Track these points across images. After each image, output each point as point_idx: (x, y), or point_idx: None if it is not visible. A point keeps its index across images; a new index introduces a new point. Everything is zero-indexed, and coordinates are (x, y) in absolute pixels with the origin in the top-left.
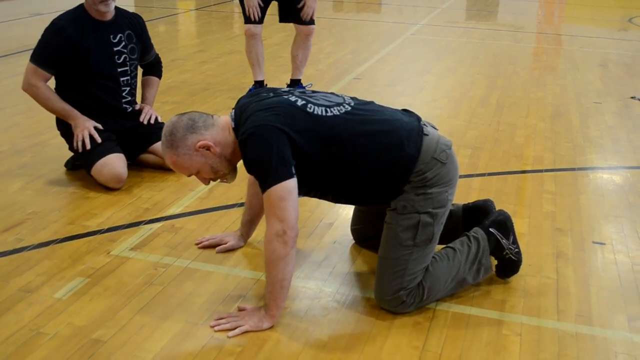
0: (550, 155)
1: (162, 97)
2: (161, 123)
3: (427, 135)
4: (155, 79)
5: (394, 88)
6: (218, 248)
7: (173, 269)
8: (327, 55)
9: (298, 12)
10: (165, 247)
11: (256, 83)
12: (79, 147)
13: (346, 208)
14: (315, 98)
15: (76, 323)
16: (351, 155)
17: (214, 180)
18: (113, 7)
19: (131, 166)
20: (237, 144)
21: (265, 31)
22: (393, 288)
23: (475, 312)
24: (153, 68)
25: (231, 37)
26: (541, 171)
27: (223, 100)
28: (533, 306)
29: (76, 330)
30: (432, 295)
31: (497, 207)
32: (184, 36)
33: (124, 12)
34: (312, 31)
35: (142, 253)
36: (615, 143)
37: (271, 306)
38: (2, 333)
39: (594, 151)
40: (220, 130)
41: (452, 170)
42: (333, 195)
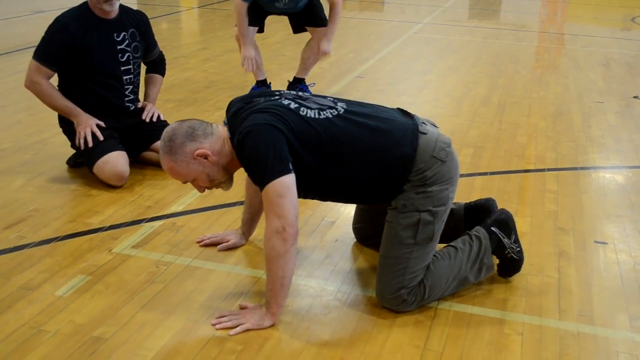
0: (552, 154)
1: (165, 95)
2: (163, 121)
3: (425, 133)
4: (158, 77)
5: (396, 87)
6: (220, 246)
7: (174, 267)
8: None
9: (311, 15)
10: (166, 245)
11: (258, 82)
12: (81, 145)
13: (348, 207)
14: (307, 101)
15: (77, 321)
16: (346, 157)
17: (209, 188)
18: (117, 7)
19: (133, 164)
20: (235, 154)
21: (267, 30)
22: (394, 287)
23: (476, 311)
24: (157, 66)
25: (233, 35)
26: (543, 170)
27: (226, 98)
28: (535, 305)
29: (77, 328)
30: (434, 294)
31: (499, 206)
32: (187, 34)
33: (128, 10)
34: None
35: (144, 251)
36: (617, 142)
37: (272, 304)
38: (3, 331)
39: (596, 150)
40: (218, 139)
41: (453, 168)
42: (332, 197)
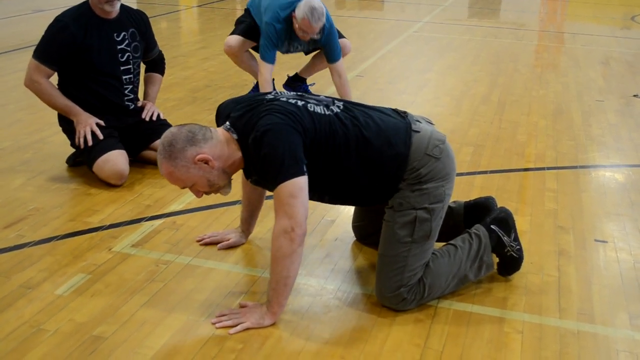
0: (552, 153)
1: (165, 94)
2: (163, 120)
3: (418, 132)
4: (158, 76)
5: (396, 86)
6: (220, 245)
7: (174, 266)
8: None
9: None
10: (166, 244)
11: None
12: (81, 144)
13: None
14: (308, 99)
15: (77, 319)
16: (344, 155)
17: (208, 194)
18: (118, 7)
19: (133, 163)
20: (240, 155)
21: None
22: (393, 285)
23: (476, 310)
24: (156, 65)
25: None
26: (543, 169)
27: (225, 96)
28: (535, 304)
29: (77, 326)
30: (433, 292)
31: (499, 205)
32: (186, 33)
33: (129, 10)
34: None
35: (144, 250)
36: (617, 141)
37: (273, 303)
38: (3, 329)
39: (596, 149)
40: (218, 143)
41: (448, 164)
42: (330, 196)
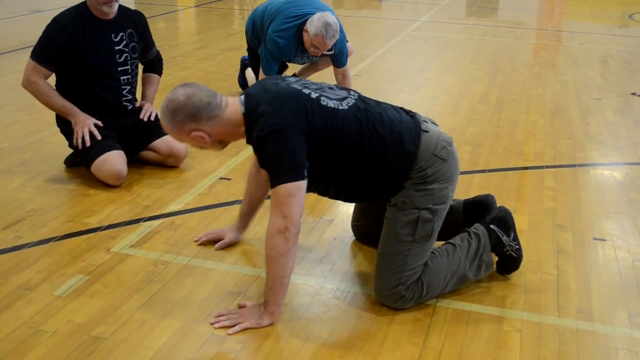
0: (550, 151)
1: (163, 94)
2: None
3: (427, 132)
4: (155, 76)
5: (394, 85)
6: (217, 245)
7: (173, 266)
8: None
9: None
10: (165, 244)
11: None
12: (79, 144)
13: (346, 205)
14: (324, 91)
15: (76, 320)
16: (356, 149)
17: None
18: (116, 8)
19: (131, 163)
20: (242, 131)
21: None
22: (392, 283)
23: (475, 309)
24: (154, 65)
25: (231, 34)
26: (541, 167)
27: None
28: (533, 302)
29: (76, 327)
30: (432, 290)
31: (498, 204)
32: (184, 33)
33: (126, 10)
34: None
35: (142, 250)
36: (615, 139)
37: (270, 303)
38: (2, 330)
39: (595, 147)
40: (222, 120)
41: (453, 166)
42: (335, 188)
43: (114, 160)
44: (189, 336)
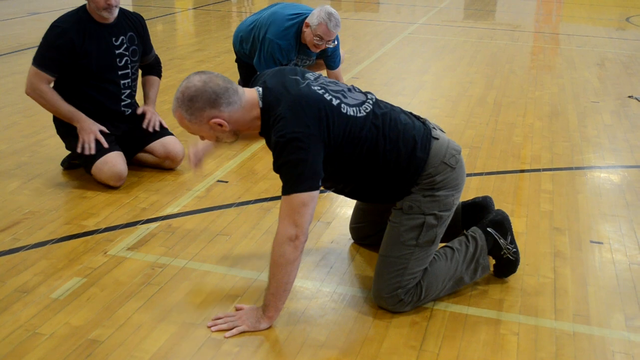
0: (547, 154)
1: (161, 97)
2: (165, 129)
3: (437, 139)
4: (155, 78)
5: (392, 87)
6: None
7: (170, 269)
8: None
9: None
10: (162, 247)
11: None
12: (85, 150)
13: (344, 208)
14: (344, 95)
15: (73, 323)
16: (370, 156)
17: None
18: (116, 13)
19: (128, 166)
20: (258, 124)
21: None
22: (391, 286)
23: (472, 312)
24: (152, 69)
25: (229, 36)
26: (539, 170)
27: None
28: (531, 305)
29: (73, 330)
30: (430, 294)
31: (495, 207)
32: (182, 35)
33: (126, 13)
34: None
35: (139, 253)
36: (612, 142)
37: (270, 308)
38: None
39: (592, 150)
40: (241, 108)
41: (461, 175)
42: (350, 189)
43: (115, 161)
44: (186, 339)
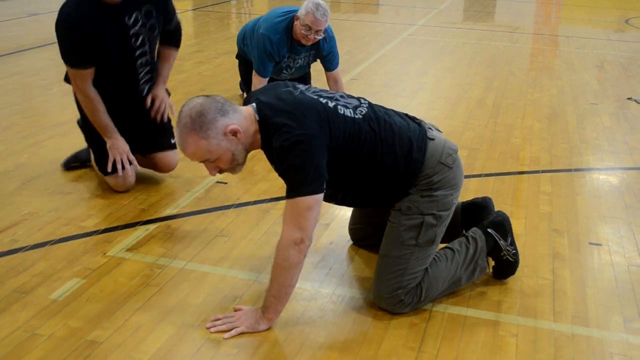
0: (546, 156)
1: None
2: (168, 121)
3: (433, 139)
4: (172, 51)
5: (391, 89)
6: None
7: (169, 270)
8: None
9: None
10: (161, 248)
11: None
12: (118, 172)
13: (342, 209)
14: (338, 99)
15: (72, 324)
16: (369, 159)
17: (222, 172)
18: None
19: None
20: (259, 138)
21: None
22: (392, 286)
23: (471, 313)
24: (171, 37)
25: (228, 37)
26: (538, 172)
27: None
28: (529, 307)
29: (72, 331)
30: (430, 296)
31: (494, 208)
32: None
33: None
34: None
35: (138, 254)
36: (611, 144)
37: (271, 310)
38: None
39: (591, 152)
40: (243, 119)
41: (458, 174)
42: (342, 194)
43: (129, 173)
44: (185, 340)
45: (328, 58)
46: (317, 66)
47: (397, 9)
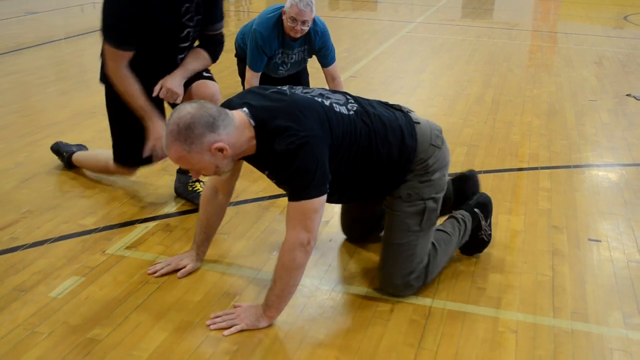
0: (545, 152)
1: None
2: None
3: (419, 123)
4: (206, 56)
5: (390, 86)
6: (180, 273)
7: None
8: None
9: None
10: (160, 246)
11: None
12: (154, 159)
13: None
14: (328, 97)
15: (71, 322)
16: (366, 154)
17: (208, 176)
18: None
19: None
20: (254, 144)
21: None
22: (403, 272)
23: (471, 310)
24: (209, 46)
25: (226, 35)
26: (537, 169)
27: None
28: (529, 303)
29: (71, 329)
30: (429, 278)
31: (493, 205)
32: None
33: None
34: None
35: (138, 252)
36: (610, 140)
37: (273, 309)
38: None
39: (590, 149)
40: (235, 129)
41: (447, 153)
42: (339, 193)
43: (158, 161)
44: (185, 338)
45: (322, 53)
46: (316, 65)
47: (396, 6)
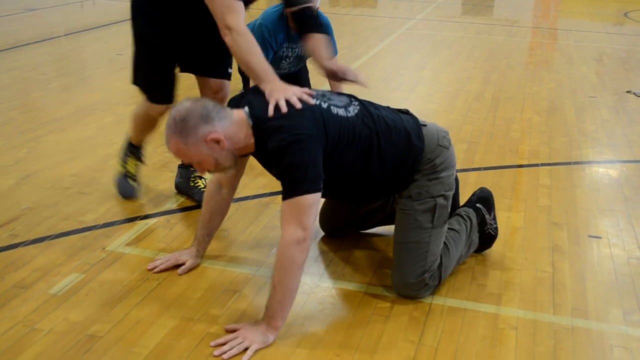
0: (545, 149)
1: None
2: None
3: (426, 125)
4: (318, 35)
5: (390, 83)
6: (180, 270)
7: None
8: None
9: (299, 80)
10: (160, 243)
11: None
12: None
13: None
14: (329, 98)
15: (71, 319)
16: (365, 157)
17: (211, 172)
18: None
19: None
20: (252, 142)
21: None
22: (418, 271)
23: (471, 306)
24: (306, 22)
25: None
26: (537, 165)
27: None
28: (529, 300)
29: (71, 326)
30: (444, 277)
31: (494, 202)
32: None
33: None
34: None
35: (138, 249)
36: (610, 137)
37: (277, 317)
38: None
39: (590, 145)
40: (232, 124)
41: (454, 153)
42: (349, 193)
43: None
44: (185, 334)
45: None
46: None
47: (396, 3)
